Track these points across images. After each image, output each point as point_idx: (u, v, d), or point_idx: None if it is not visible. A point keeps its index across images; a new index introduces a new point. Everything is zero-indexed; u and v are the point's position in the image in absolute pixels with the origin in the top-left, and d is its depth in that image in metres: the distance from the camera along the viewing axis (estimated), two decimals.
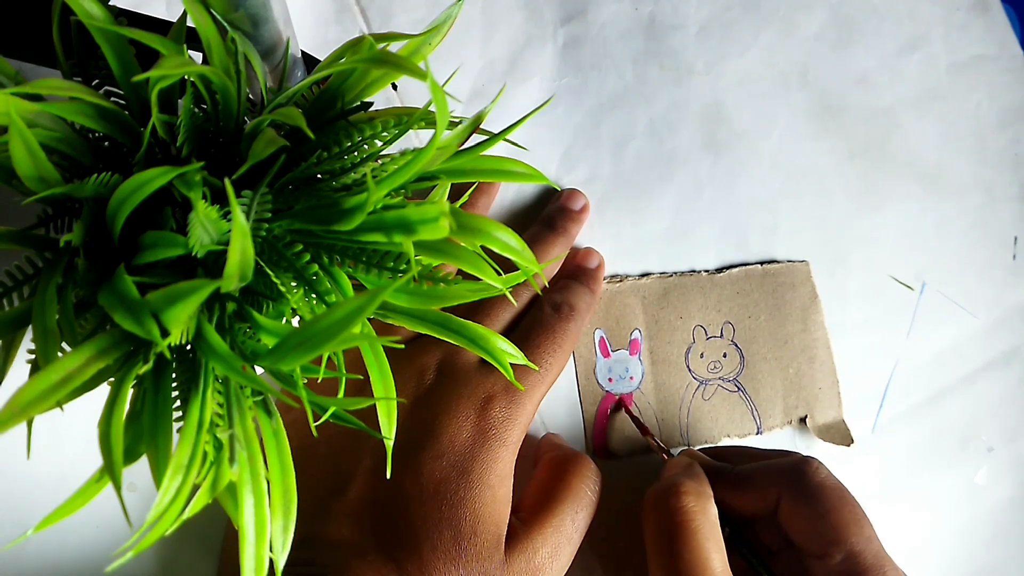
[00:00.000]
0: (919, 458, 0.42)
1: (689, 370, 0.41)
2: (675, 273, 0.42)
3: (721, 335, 0.41)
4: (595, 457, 0.40)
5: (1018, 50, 0.46)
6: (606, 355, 0.40)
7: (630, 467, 0.40)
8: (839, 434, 0.41)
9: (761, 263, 0.42)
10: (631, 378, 0.40)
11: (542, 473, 0.35)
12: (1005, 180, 0.45)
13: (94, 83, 0.25)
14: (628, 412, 0.40)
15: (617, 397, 0.40)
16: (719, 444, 0.40)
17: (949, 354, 0.43)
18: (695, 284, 0.42)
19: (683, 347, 0.41)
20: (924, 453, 0.42)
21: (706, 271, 0.42)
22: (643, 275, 0.41)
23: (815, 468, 0.33)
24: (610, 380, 0.40)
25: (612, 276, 0.41)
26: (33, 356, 0.21)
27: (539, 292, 0.37)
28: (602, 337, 0.40)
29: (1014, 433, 0.43)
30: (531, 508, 0.34)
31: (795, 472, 0.33)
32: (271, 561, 0.22)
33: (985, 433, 0.43)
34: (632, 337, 0.41)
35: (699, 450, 0.37)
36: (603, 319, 0.41)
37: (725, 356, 0.41)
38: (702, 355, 0.41)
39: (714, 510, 0.32)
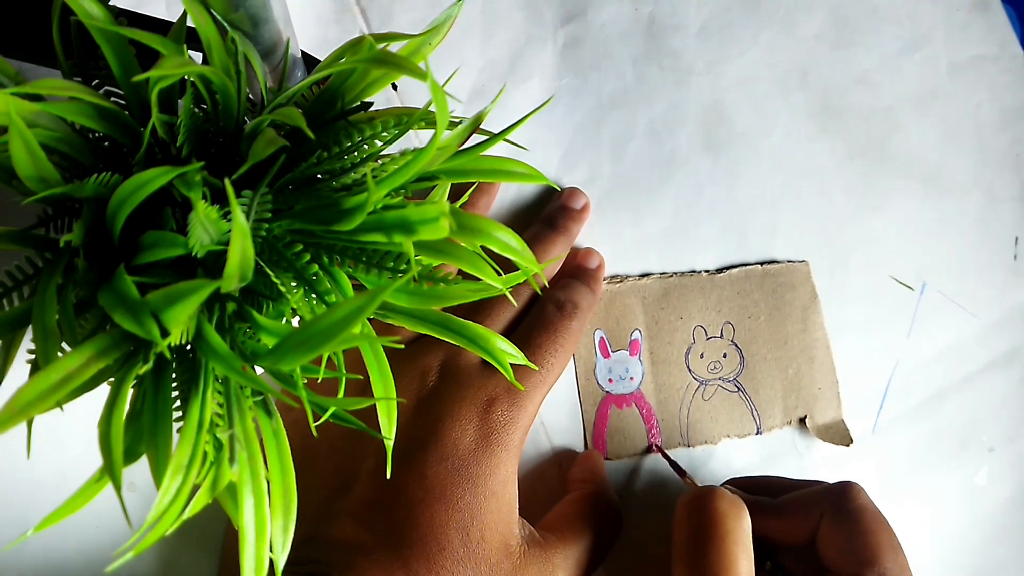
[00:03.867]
0: (919, 458, 0.42)
1: (689, 370, 0.41)
2: (675, 273, 0.42)
3: (721, 335, 0.41)
4: None
5: (1019, 50, 0.45)
6: (606, 356, 0.40)
7: (629, 468, 0.40)
8: (838, 434, 0.41)
9: (761, 263, 0.42)
10: (631, 378, 0.40)
11: (572, 507, 0.35)
12: (1006, 180, 0.45)
13: (94, 83, 0.25)
14: (663, 453, 0.39)
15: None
16: (719, 443, 0.40)
17: (949, 354, 0.43)
18: (695, 284, 0.42)
19: (683, 347, 0.41)
20: (924, 453, 0.42)
21: (706, 271, 0.42)
22: (643, 275, 0.41)
23: (857, 491, 0.33)
24: (610, 381, 0.40)
25: (612, 276, 0.41)
26: (33, 356, 0.21)
27: (539, 292, 0.37)
28: (602, 338, 0.40)
29: (1015, 433, 0.43)
30: (554, 530, 0.34)
31: (838, 493, 0.33)
32: (271, 561, 0.22)
33: (986, 433, 0.43)
34: (632, 337, 0.41)
35: (736, 479, 0.38)
36: (603, 319, 0.41)
37: (725, 356, 0.41)
38: (702, 355, 0.41)
39: (748, 521, 0.32)
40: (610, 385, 0.40)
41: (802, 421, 0.41)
